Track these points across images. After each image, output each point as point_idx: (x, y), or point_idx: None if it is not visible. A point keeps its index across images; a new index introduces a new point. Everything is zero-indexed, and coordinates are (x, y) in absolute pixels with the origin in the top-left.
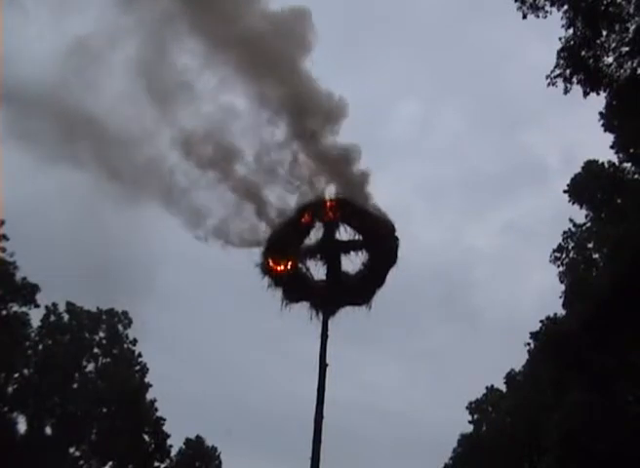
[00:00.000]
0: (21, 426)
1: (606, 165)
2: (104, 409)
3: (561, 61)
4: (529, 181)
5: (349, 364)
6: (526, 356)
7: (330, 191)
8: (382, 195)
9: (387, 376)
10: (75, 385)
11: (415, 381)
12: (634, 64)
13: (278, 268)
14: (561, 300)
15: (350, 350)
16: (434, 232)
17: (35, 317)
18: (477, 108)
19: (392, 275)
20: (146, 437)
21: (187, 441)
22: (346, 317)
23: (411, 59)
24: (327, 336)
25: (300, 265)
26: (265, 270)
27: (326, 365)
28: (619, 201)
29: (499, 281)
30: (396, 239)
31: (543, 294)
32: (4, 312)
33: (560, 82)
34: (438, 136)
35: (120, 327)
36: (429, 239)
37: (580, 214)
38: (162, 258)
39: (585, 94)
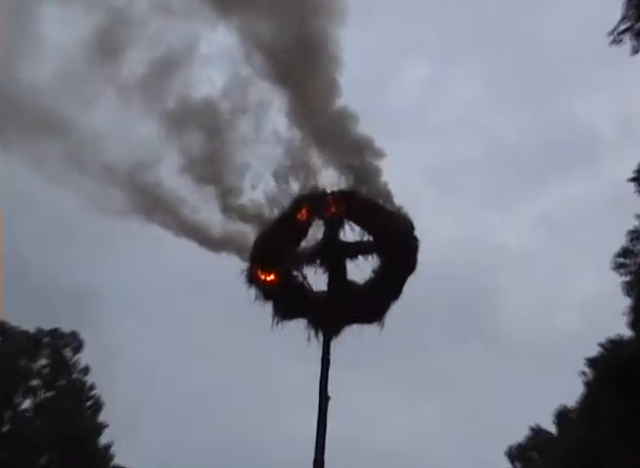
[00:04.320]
0: None
1: None
2: (45, 458)
3: (629, 12)
4: (572, 161)
5: (351, 393)
6: (581, 388)
7: (332, 181)
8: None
9: (396, 408)
10: (7, 427)
11: (434, 417)
12: None
13: (268, 276)
14: (625, 318)
15: (351, 376)
16: (448, 228)
17: None
18: (502, 69)
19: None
20: None
21: None
22: (353, 338)
23: (419, 11)
24: (328, 362)
25: (295, 273)
26: (252, 279)
27: (328, 397)
28: None
29: (532, 289)
30: (415, 240)
31: (593, 308)
32: None
33: (628, 38)
34: (453, 105)
35: (68, 351)
36: (442, 237)
37: None
38: (127, 266)
39: None
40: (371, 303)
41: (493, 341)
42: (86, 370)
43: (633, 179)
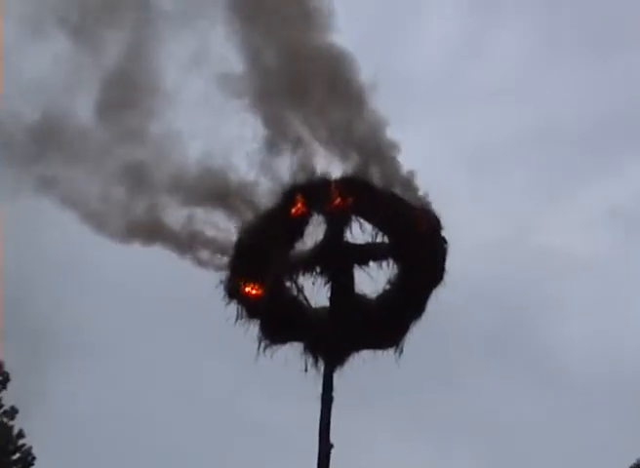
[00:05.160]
0: None
1: None
2: None
3: None
4: None
5: (361, 440)
6: None
7: (336, 166)
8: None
9: (419, 460)
10: None
11: None
12: None
13: (253, 289)
14: None
15: (361, 418)
16: (487, 226)
17: None
18: (555, 19)
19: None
20: None
21: None
22: (363, 368)
23: None
24: (331, 399)
25: (288, 283)
26: (233, 292)
27: (330, 446)
28: None
29: (596, 307)
30: (443, 241)
31: None
32: None
33: None
34: (491, 66)
35: None
36: (479, 237)
37: None
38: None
39: None
40: (386, 323)
41: (545, 374)
42: (12, 413)
43: None
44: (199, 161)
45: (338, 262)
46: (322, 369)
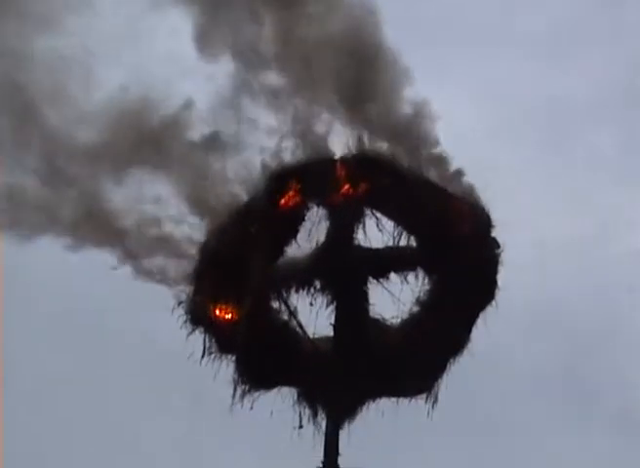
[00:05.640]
0: None
1: None
2: None
3: None
4: None
5: None
6: None
7: (342, 140)
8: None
9: None
10: None
11: None
12: None
13: (226, 312)
14: None
15: None
16: (557, 223)
17: None
18: None
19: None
20: None
21: None
22: (380, 423)
23: None
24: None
25: (275, 304)
26: (199, 316)
27: None
28: None
29: None
30: (494, 245)
31: None
32: None
33: None
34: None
35: None
36: (546, 238)
37: None
38: None
39: None
40: (413, 360)
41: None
42: None
43: None
44: (116, 96)
45: (345, 274)
46: (324, 424)
